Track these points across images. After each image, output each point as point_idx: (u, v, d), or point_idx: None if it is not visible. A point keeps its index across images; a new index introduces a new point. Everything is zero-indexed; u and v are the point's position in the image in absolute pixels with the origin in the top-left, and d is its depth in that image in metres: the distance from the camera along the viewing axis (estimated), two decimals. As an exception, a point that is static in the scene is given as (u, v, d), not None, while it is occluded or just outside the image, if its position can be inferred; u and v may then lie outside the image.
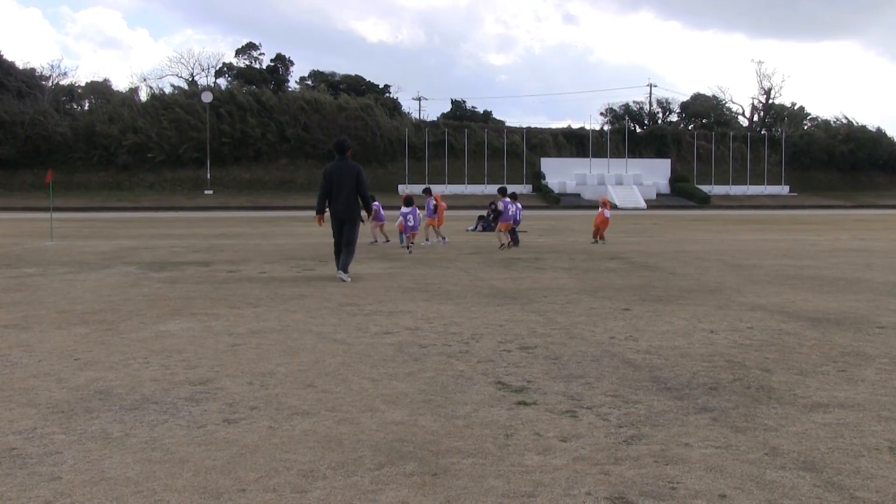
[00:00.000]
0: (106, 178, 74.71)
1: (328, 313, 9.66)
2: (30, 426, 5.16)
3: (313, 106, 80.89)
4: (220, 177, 74.75)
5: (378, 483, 4.14)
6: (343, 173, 13.17)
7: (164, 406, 5.61)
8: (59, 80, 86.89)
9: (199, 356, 7.22)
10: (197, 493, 4.03)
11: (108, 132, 76.48)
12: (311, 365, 6.86)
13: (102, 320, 9.24)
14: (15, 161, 74.08)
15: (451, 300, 10.80)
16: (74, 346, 7.75)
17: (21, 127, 74.84)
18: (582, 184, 78.98)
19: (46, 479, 4.25)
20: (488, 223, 29.80)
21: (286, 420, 5.26)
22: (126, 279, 13.51)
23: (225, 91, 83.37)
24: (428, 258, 17.24)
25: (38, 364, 6.96)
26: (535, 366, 6.79)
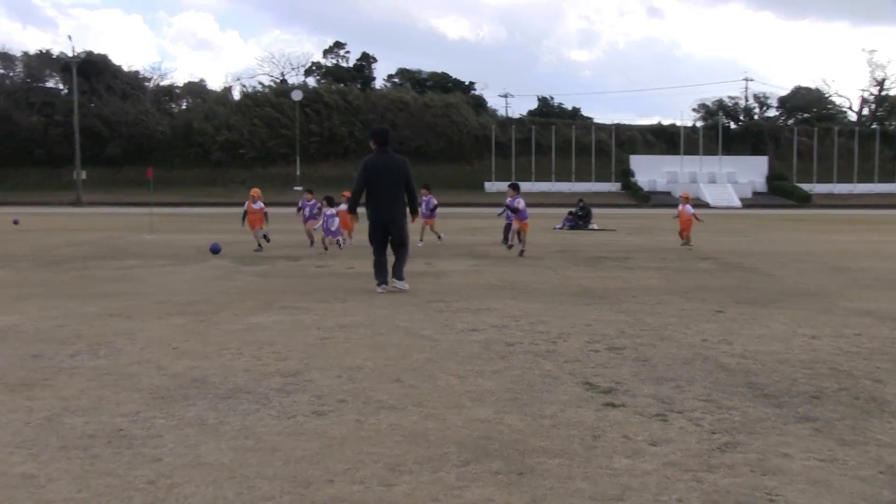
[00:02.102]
0: (201, 174, 76.57)
1: (415, 309, 9.76)
2: (134, 409, 5.39)
3: (399, 104, 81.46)
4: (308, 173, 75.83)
5: (463, 480, 4.18)
6: (387, 168, 11.22)
7: (255, 396, 5.76)
8: (160, 81, 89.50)
9: (290, 348, 7.39)
10: (287, 481, 4.14)
11: (204, 130, 78.44)
12: (397, 360, 6.95)
13: (198, 311, 9.52)
14: (120, 159, 76.55)
15: (538, 298, 10.78)
16: (172, 335, 8.02)
17: (125, 126, 77.35)
18: (673, 182, 77.59)
19: (149, 459, 4.44)
20: (576, 221, 29.61)
21: (373, 414, 5.34)
22: (220, 272, 13.87)
23: (313, 90, 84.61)
24: (514, 256, 17.22)
25: (140, 351, 7.23)
26: (623, 367, 6.74)
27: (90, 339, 7.78)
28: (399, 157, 11.45)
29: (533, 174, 76.36)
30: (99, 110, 77.59)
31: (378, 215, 11.23)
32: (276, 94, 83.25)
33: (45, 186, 71.70)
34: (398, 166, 11.25)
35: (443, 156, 78.52)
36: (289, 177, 75.67)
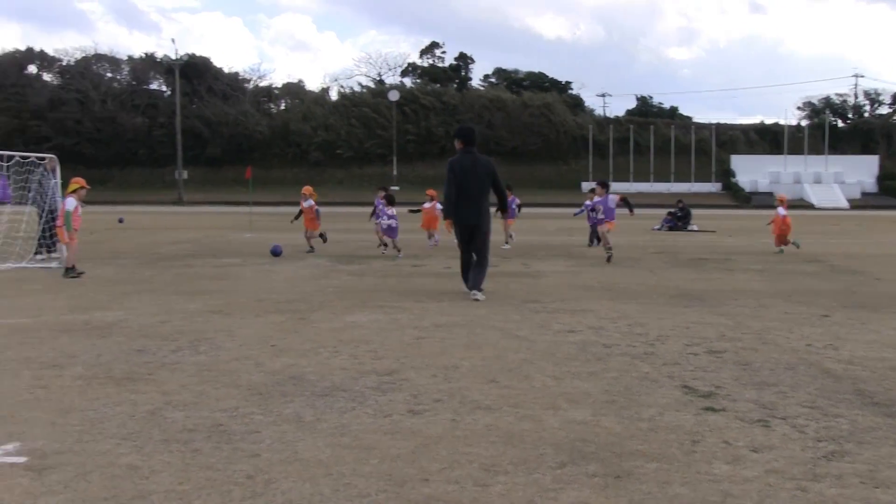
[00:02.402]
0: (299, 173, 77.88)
1: (511, 309, 9.71)
2: (233, 405, 5.49)
3: (496, 103, 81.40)
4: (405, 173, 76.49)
5: (559, 482, 4.13)
6: (474, 169, 10.70)
7: (352, 394, 5.81)
8: (259, 82, 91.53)
9: (386, 347, 7.43)
10: (383, 479, 4.15)
11: (302, 130, 79.87)
12: (493, 360, 6.92)
13: (296, 310, 9.66)
14: (220, 159, 78.59)
15: (636, 300, 10.61)
16: (271, 332, 8.16)
17: (225, 127, 79.37)
18: (775, 182, 75.49)
19: (248, 455, 4.51)
20: (674, 222, 29.09)
21: (469, 414, 5.32)
22: (317, 271, 14.07)
23: (409, 90, 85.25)
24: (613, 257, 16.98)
25: (239, 348, 7.37)
26: (723, 371, 6.57)
27: (191, 336, 7.97)
28: (485, 158, 10.97)
29: (631, 174, 75.40)
30: (200, 111, 79.80)
31: (463, 218, 10.72)
32: (373, 95, 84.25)
33: (148, 186, 74.09)
34: (484, 167, 10.77)
35: (539, 156, 78.21)
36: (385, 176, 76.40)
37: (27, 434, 4.86)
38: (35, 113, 78.40)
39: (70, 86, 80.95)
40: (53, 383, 6.09)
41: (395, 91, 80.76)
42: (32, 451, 4.57)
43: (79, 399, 5.65)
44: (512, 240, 20.42)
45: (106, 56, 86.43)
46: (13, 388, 5.97)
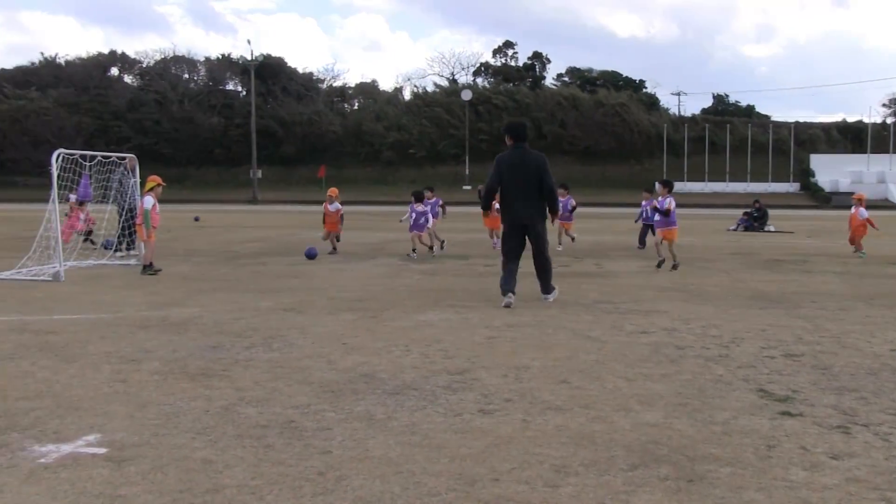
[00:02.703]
0: (372, 173, 78.51)
1: (582, 310, 9.64)
2: (305, 402, 5.55)
3: (570, 102, 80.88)
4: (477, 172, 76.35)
5: (631, 484, 4.08)
6: (524, 165, 10.19)
7: (423, 393, 5.82)
8: (332, 82, 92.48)
9: (457, 347, 7.44)
10: (453, 478, 4.15)
11: (375, 130, 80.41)
12: (564, 361, 6.87)
13: (367, 308, 9.73)
14: (294, 158, 79.59)
15: (710, 301, 10.44)
16: (343, 331, 8.23)
17: (299, 126, 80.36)
18: (857, 182, 73.23)
19: (319, 451, 4.55)
20: (751, 223, 28.54)
21: (539, 414, 5.30)
22: (389, 270, 14.15)
23: (482, 89, 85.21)
24: (687, 258, 16.75)
25: (311, 346, 7.45)
26: (801, 375, 6.42)
27: (264, 333, 8.08)
28: (536, 154, 10.31)
29: (706, 174, 74.17)
30: (275, 111, 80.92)
31: (513, 217, 10.22)
32: (446, 95, 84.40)
33: (223, 185, 75.38)
34: (535, 164, 10.13)
35: (613, 155, 77.46)
36: (458, 176, 76.56)
37: (107, 426, 4.99)
38: (116, 114, 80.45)
39: (149, 87, 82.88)
40: (132, 377, 6.23)
41: (467, 90, 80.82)
42: (112, 442, 4.68)
43: (156, 393, 5.77)
44: (573, 242, 19.71)
45: (184, 58, 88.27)
46: (94, 381, 6.13)
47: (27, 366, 6.63)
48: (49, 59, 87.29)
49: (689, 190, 68.68)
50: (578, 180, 68.84)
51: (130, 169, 16.45)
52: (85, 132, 75.66)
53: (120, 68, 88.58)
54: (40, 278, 12.55)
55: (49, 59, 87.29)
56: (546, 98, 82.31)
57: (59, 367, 6.59)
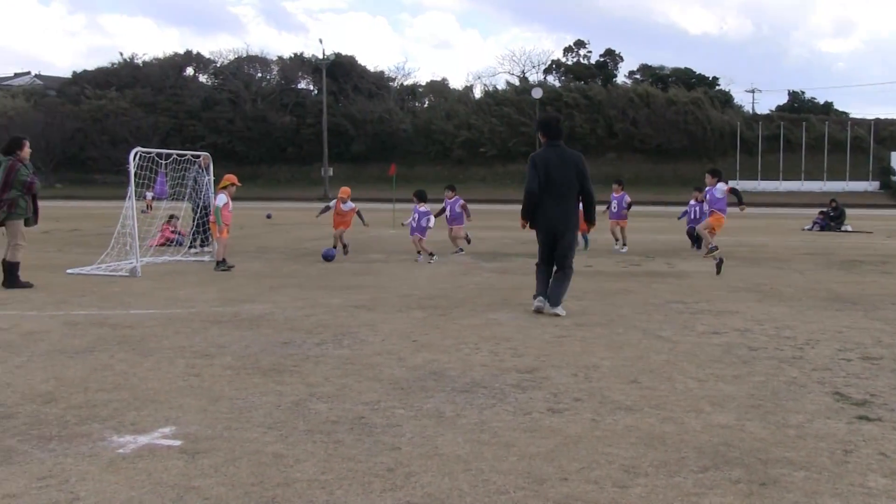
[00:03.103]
0: (442, 171, 78.61)
1: (654, 310, 9.53)
2: (375, 399, 5.60)
3: (643, 99, 79.96)
4: (547, 171, 76.19)
5: (701, 486, 4.03)
6: (563, 165, 9.27)
7: (492, 391, 5.82)
8: (403, 80, 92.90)
9: (526, 345, 7.42)
10: (521, 476, 4.15)
11: (445, 128, 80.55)
12: (635, 360, 6.81)
13: (437, 306, 9.76)
14: (364, 156, 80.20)
15: (784, 302, 10.23)
16: (412, 328, 8.28)
17: (370, 125, 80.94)
18: (942, 180, 71.06)
19: (388, 447, 4.59)
20: (827, 222, 27.89)
21: (609, 414, 5.26)
22: (458, 268, 14.17)
23: (553, 88, 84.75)
24: (757, 258, 16.44)
25: (381, 343, 7.51)
26: (880, 378, 6.25)
27: (335, 329, 8.17)
28: (574, 153, 9.42)
29: (780, 172, 72.65)
30: (346, 110, 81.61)
31: (545, 222, 9.35)
32: (517, 93, 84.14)
33: (295, 182, 76.31)
34: (573, 163, 9.27)
35: (685, 154, 76.31)
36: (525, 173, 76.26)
37: (182, 419, 5.10)
38: (191, 113, 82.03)
39: (223, 86, 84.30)
40: (205, 372, 6.36)
41: (538, 89, 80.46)
42: (186, 435, 4.78)
43: (228, 388, 5.88)
44: (619, 244, 18.17)
45: (257, 57, 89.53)
46: (169, 375, 6.27)
47: (106, 359, 6.82)
48: (128, 60, 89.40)
49: (763, 189, 67.42)
50: (649, 179, 68.12)
51: (204, 167, 16.77)
52: (161, 131, 77.31)
53: (195, 68, 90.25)
54: (118, 274, 12.88)
55: (128, 60, 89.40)
56: (618, 95, 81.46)
57: (136, 360, 6.76)
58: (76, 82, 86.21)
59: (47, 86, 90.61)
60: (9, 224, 11.23)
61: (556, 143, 9.41)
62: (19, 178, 11.13)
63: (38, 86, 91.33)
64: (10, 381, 6.06)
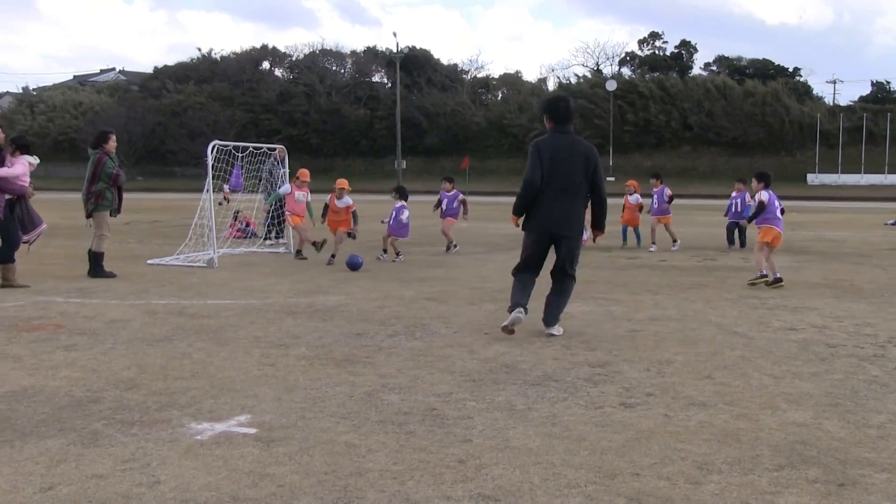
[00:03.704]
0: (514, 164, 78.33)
1: (728, 305, 9.39)
2: (446, 390, 5.63)
3: (720, 91, 78.57)
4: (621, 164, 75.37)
5: (777, 485, 3.96)
6: (571, 156, 7.62)
7: (563, 384, 5.81)
8: (476, 73, 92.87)
9: (599, 339, 7.38)
10: (593, 471, 4.14)
11: (518, 121, 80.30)
12: (709, 356, 6.72)
13: (508, 299, 9.74)
14: (437, 149, 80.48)
15: (865, 298, 9.97)
16: (484, 320, 8.29)
17: (443, 118, 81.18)
18: None
19: (459, 439, 4.62)
20: (911, 217, 27.03)
21: (682, 409, 5.21)
22: (530, 261, 14.12)
23: (627, 80, 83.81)
24: (837, 252, 16.04)
25: (453, 335, 7.55)
26: (965, 377, 6.07)
27: (407, 321, 8.23)
28: (586, 145, 7.83)
29: (862, 165, 70.72)
30: (419, 103, 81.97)
31: (543, 221, 7.66)
32: (591, 85, 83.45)
33: (368, 175, 76.88)
34: (584, 156, 7.63)
35: (761, 146, 74.83)
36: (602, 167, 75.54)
37: (257, 408, 5.20)
38: (266, 106, 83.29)
39: (298, 80, 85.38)
40: (280, 362, 6.47)
41: (612, 81, 79.71)
42: (261, 423, 4.88)
43: (302, 378, 5.97)
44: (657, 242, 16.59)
45: (331, 51, 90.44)
46: (245, 364, 6.39)
47: (184, 347, 6.98)
48: (205, 55, 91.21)
49: (844, 182, 65.71)
50: (725, 172, 66.87)
51: (280, 159, 17.02)
52: (237, 124, 78.68)
53: (271, 62, 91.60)
54: (196, 264, 13.16)
55: (205, 55, 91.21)
56: (694, 87, 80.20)
57: (213, 349, 6.90)
58: (157, 77, 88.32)
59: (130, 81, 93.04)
60: (96, 215, 11.58)
61: (565, 128, 7.75)
62: (106, 170, 11.47)
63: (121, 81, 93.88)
64: (95, 367, 6.26)
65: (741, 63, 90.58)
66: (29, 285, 10.39)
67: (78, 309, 8.91)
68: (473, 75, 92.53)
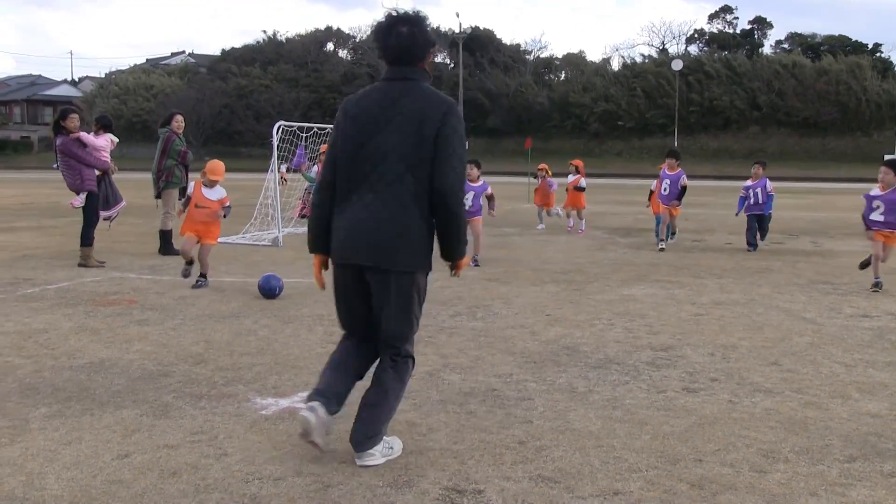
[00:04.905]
0: (577, 145, 77.74)
1: (797, 290, 9.19)
2: (507, 371, 5.62)
3: (789, 70, 76.76)
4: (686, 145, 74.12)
5: (848, 477, 3.87)
6: (388, 120, 4.11)
7: (625, 368, 5.76)
8: (539, 53, 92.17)
9: (662, 322, 7.29)
10: (654, 455, 4.09)
11: (581, 101, 79.52)
12: (776, 342, 6.60)
13: (571, 280, 9.70)
14: (500, 130, 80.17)
15: (941, 285, 9.68)
16: (546, 302, 8.25)
17: (506, 98, 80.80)
18: None
19: (520, 420, 4.61)
20: None
21: (747, 396, 5.12)
22: (594, 242, 14.03)
23: (693, 59, 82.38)
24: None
25: (514, 316, 7.53)
26: None
27: (469, 302, 8.23)
28: (429, 98, 4.21)
29: (945, 146, 68.44)
30: (482, 83, 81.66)
31: (339, 238, 4.24)
32: (656, 65, 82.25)
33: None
34: (417, 118, 4.08)
35: (834, 127, 72.90)
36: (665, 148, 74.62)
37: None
38: (331, 87, 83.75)
39: (361, 61, 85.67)
40: (349, 340, 6.51)
41: (678, 60, 78.40)
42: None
43: (365, 356, 6.00)
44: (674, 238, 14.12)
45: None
46: (308, 341, 6.46)
47: (250, 324, 7.08)
48: (271, 38, 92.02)
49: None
50: (795, 153, 65.49)
51: (343, 140, 17.08)
52: (302, 105, 79.30)
53: (335, 43, 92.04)
54: (261, 243, 13.32)
55: (271, 38, 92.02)
56: (762, 66, 78.49)
57: (278, 326, 6.99)
58: (224, 60, 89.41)
59: (199, 64, 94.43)
60: (164, 194, 11.86)
61: (406, 72, 4.28)
62: (174, 147, 11.79)
63: (191, 64, 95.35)
64: (166, 342, 6.40)
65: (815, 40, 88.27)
66: (105, 262, 10.66)
67: (150, 285, 9.11)
68: (536, 55, 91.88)
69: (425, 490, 3.70)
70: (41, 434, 4.37)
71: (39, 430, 4.44)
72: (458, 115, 4.21)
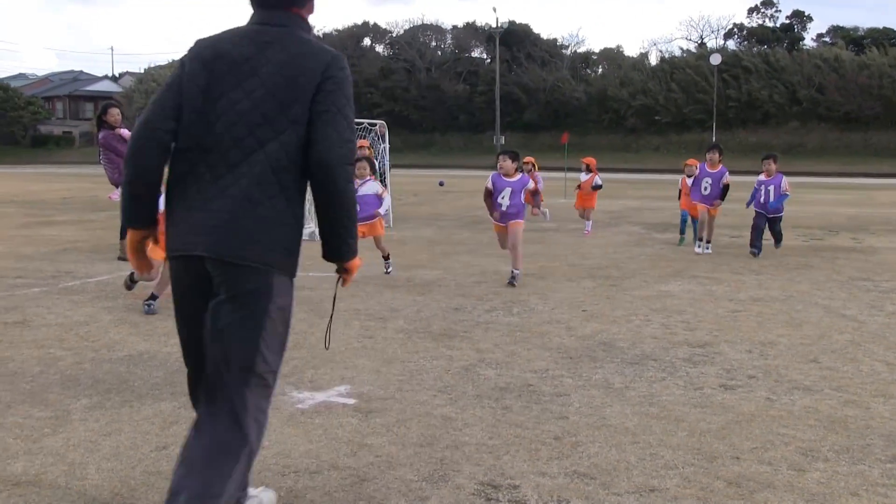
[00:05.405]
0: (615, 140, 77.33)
1: (837, 286, 9.08)
2: (543, 367, 5.61)
3: (830, 65, 75.67)
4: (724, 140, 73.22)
5: (890, 477, 3.82)
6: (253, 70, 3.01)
7: (662, 364, 5.72)
8: (576, 48, 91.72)
9: (699, 319, 7.24)
10: (690, 452, 4.07)
11: (619, 96, 78.99)
12: (815, 339, 6.52)
13: (608, 276, 9.65)
14: (536, 124, 79.89)
15: None
16: (583, 297, 8.22)
17: (543, 93, 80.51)
18: None
19: (556, 416, 4.60)
20: None
21: (786, 393, 5.07)
22: (630, 238, 13.95)
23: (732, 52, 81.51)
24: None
25: (551, 311, 7.51)
26: None
27: (505, 297, 8.22)
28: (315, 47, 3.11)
29: None
30: (518, 78, 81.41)
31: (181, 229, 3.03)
32: (695, 59, 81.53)
33: (467, 150, 76.93)
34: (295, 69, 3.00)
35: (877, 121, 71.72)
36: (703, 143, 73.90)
37: (356, 379, 5.28)
38: (368, 82, 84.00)
39: (399, 56, 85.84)
40: (378, 334, 6.55)
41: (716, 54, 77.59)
42: (360, 394, 4.95)
43: (400, 350, 6.03)
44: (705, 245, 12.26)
45: (431, 26, 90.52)
46: (345, 336, 6.49)
47: (286, 318, 7.12)
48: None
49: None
50: (836, 148, 64.63)
51: (381, 135, 17.15)
52: (340, 100, 79.70)
53: (372, 38, 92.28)
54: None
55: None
56: (803, 60, 77.46)
57: (314, 320, 7.03)
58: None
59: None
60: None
61: (274, 16, 3.14)
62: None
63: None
64: (199, 336, 6.45)
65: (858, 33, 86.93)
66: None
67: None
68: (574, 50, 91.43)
69: (460, 485, 3.70)
70: (82, 425, 4.44)
71: (80, 420, 4.51)
72: (345, 69, 3.12)
